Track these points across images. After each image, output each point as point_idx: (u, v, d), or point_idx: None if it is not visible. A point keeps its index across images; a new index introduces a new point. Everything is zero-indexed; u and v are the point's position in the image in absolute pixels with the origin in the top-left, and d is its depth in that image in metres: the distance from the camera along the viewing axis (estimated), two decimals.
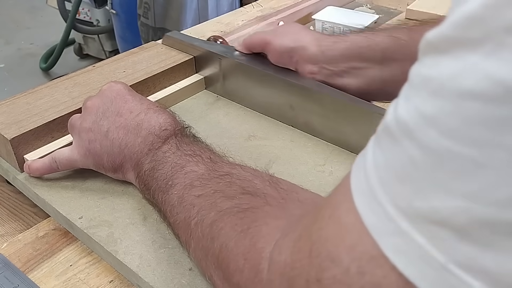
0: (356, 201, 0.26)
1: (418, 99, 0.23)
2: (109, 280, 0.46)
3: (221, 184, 0.42)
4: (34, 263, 0.48)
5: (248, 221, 0.37)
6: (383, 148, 0.25)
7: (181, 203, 0.43)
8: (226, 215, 0.39)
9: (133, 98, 0.52)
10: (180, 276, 0.43)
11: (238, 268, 0.35)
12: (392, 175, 0.24)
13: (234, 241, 0.37)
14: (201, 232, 0.40)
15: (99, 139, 0.50)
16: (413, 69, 0.24)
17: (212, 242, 0.38)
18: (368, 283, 0.25)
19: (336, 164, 0.56)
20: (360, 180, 0.26)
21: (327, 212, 0.29)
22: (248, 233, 0.36)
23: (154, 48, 0.73)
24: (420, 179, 0.23)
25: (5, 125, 0.55)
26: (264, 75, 0.63)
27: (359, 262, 0.25)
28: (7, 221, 0.54)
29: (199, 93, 0.70)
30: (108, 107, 0.51)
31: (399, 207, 0.23)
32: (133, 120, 0.50)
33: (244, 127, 0.63)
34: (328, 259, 0.27)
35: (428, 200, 0.22)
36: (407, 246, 0.23)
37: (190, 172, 0.45)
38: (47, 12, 2.88)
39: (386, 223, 0.24)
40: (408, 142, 0.23)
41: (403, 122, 0.23)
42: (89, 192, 0.53)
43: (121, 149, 0.49)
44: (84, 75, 0.66)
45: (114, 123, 0.50)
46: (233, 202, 0.40)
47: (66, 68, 2.43)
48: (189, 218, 0.41)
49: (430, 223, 0.22)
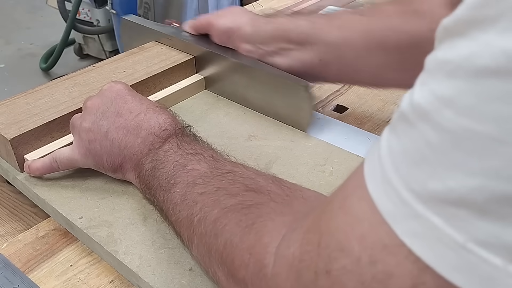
0: (370, 188, 0.26)
1: (434, 82, 0.23)
2: (109, 280, 0.46)
3: (223, 182, 0.42)
4: (34, 263, 0.48)
5: (253, 216, 0.37)
6: (398, 135, 0.25)
7: (184, 201, 0.43)
8: (230, 212, 0.39)
9: (133, 98, 0.52)
10: (180, 276, 0.43)
11: (243, 264, 0.35)
12: (407, 160, 0.24)
13: (239, 236, 0.36)
14: (204, 229, 0.40)
15: (98, 139, 0.50)
16: (429, 57, 0.24)
17: (216, 238, 0.38)
18: (380, 272, 0.25)
19: (336, 164, 0.56)
20: (374, 168, 0.26)
21: (336, 203, 0.29)
22: (253, 228, 0.36)
23: (154, 48, 0.73)
24: (436, 161, 0.22)
25: (5, 125, 0.55)
26: (207, 53, 0.68)
27: (370, 251, 0.25)
28: (7, 221, 0.54)
29: (199, 93, 0.70)
30: (108, 107, 0.51)
31: (414, 191, 0.23)
32: (132, 120, 0.50)
33: (245, 127, 0.63)
34: (337, 249, 0.27)
35: (444, 181, 0.22)
36: (423, 229, 0.23)
37: (192, 170, 0.45)
38: (47, 12, 2.88)
39: (401, 208, 0.24)
40: (424, 125, 0.23)
41: (419, 106, 0.24)
42: (89, 192, 0.53)
43: (120, 149, 0.49)
44: (84, 75, 0.66)
45: (113, 123, 0.50)
46: (236, 199, 0.40)
47: (66, 68, 2.43)
48: (191, 215, 0.41)
49: (447, 204, 0.22)
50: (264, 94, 0.64)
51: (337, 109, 0.72)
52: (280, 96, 0.62)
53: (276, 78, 0.61)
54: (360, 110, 0.70)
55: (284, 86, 0.61)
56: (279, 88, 0.62)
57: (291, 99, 0.61)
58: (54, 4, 2.42)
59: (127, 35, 0.79)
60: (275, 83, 0.62)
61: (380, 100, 0.72)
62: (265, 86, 0.63)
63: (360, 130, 0.63)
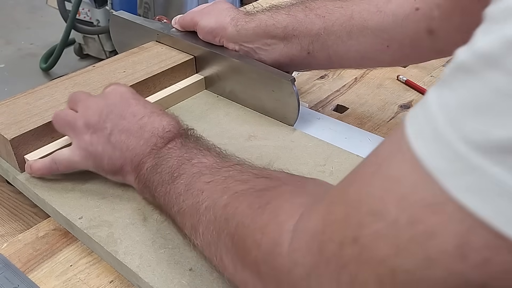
0: (417, 148, 0.25)
1: (506, 27, 0.22)
2: (109, 280, 0.46)
3: (232, 172, 0.42)
4: (34, 263, 0.48)
5: (266, 198, 0.36)
6: (454, 88, 0.24)
7: (189, 190, 0.42)
8: (242, 196, 0.38)
9: (137, 102, 0.52)
10: (180, 276, 0.43)
11: (255, 243, 0.34)
12: (466, 111, 0.23)
13: (251, 217, 0.36)
14: (213, 215, 0.39)
15: (101, 142, 0.49)
16: (491, 7, 0.24)
17: (227, 222, 0.37)
18: (420, 234, 0.24)
19: (337, 164, 0.56)
20: (420, 127, 0.25)
21: (368, 171, 0.28)
22: (267, 208, 0.35)
23: (154, 48, 0.73)
24: (504, 107, 0.22)
25: (5, 125, 0.55)
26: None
27: (410, 211, 0.24)
28: (7, 221, 0.54)
29: (199, 93, 0.70)
30: (112, 109, 0.50)
31: (473, 142, 0.23)
32: (136, 123, 0.49)
33: (245, 127, 0.63)
34: (369, 214, 0.26)
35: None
36: (480, 182, 0.22)
37: (198, 163, 0.44)
38: (47, 12, 2.88)
39: (456, 163, 0.23)
40: (492, 72, 0.22)
41: (485, 53, 0.23)
42: (89, 192, 0.53)
43: (122, 152, 0.49)
44: (84, 75, 0.66)
45: (117, 126, 0.49)
46: (247, 185, 0.39)
47: (66, 68, 2.42)
48: (197, 203, 0.41)
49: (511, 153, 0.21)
50: (251, 89, 0.65)
51: (337, 109, 0.72)
52: (267, 91, 0.63)
53: (262, 73, 0.63)
54: (360, 110, 0.70)
55: (269, 81, 0.62)
56: (265, 83, 0.63)
57: (276, 94, 0.62)
58: (54, 4, 2.41)
59: (117, 31, 0.80)
60: (261, 78, 0.63)
61: (380, 100, 0.72)
62: (252, 81, 0.64)
63: (360, 130, 0.63)
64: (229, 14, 0.65)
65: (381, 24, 0.57)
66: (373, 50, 0.59)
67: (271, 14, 0.63)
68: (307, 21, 0.60)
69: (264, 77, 0.63)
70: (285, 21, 0.61)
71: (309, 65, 0.65)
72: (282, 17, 0.62)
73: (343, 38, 0.59)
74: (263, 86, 0.63)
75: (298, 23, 0.60)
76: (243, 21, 0.64)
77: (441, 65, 0.82)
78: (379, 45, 0.58)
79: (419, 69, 0.80)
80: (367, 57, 0.60)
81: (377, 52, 0.59)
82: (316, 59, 0.62)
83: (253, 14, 0.64)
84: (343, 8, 0.59)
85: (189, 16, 0.70)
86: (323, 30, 0.59)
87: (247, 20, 0.64)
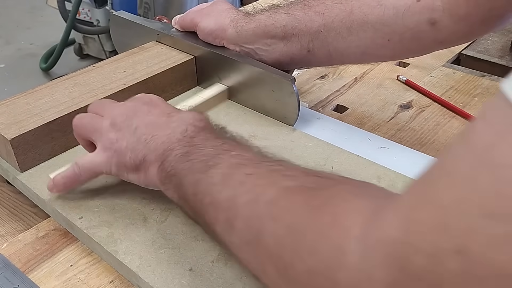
0: None
1: None
2: (109, 281, 0.46)
3: (276, 167, 0.38)
4: (34, 263, 0.48)
5: (322, 198, 0.32)
6: None
7: (226, 181, 0.38)
8: (291, 193, 0.34)
9: (166, 104, 0.51)
10: (180, 277, 0.43)
11: (311, 249, 0.30)
12: None
13: (306, 219, 0.31)
14: (255, 211, 0.35)
15: (126, 137, 0.47)
16: None
17: (274, 222, 0.33)
18: None
19: (337, 164, 0.56)
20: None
21: (465, 164, 0.23)
22: (325, 210, 0.31)
23: (154, 48, 0.73)
24: None
25: (5, 125, 0.55)
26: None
27: None
28: (7, 221, 0.54)
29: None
30: (139, 109, 0.49)
31: None
32: (163, 117, 0.48)
33: (245, 127, 0.63)
34: (481, 217, 0.21)
35: None
36: None
37: (237, 155, 0.40)
38: (47, 12, 2.88)
39: None
40: None
41: None
42: (89, 192, 0.53)
43: (146, 143, 0.46)
44: (84, 75, 0.66)
45: (143, 121, 0.48)
46: (297, 181, 0.35)
47: (66, 68, 2.43)
48: (234, 196, 0.37)
49: None
50: (251, 89, 0.65)
51: (337, 109, 0.72)
52: (267, 91, 0.63)
53: (262, 73, 0.63)
54: (360, 110, 0.70)
55: (270, 81, 0.62)
56: (265, 83, 0.63)
57: (277, 94, 0.62)
58: (54, 4, 2.42)
59: (117, 31, 0.80)
60: (261, 78, 0.63)
61: (380, 100, 0.72)
62: (252, 81, 0.65)
63: (360, 130, 0.63)
64: (229, 15, 0.65)
65: (382, 17, 0.56)
66: (374, 45, 0.58)
67: (270, 14, 0.63)
68: (306, 19, 0.60)
69: (264, 77, 0.63)
70: (284, 20, 0.61)
71: (310, 63, 0.65)
72: (281, 16, 0.62)
73: (343, 34, 0.59)
74: (263, 86, 0.64)
75: (297, 22, 0.60)
76: (243, 22, 0.64)
77: (441, 65, 0.82)
78: (380, 39, 0.57)
79: (419, 69, 0.80)
80: (367, 52, 0.60)
81: (378, 47, 0.58)
82: (316, 56, 0.62)
83: (252, 15, 0.64)
84: (342, 4, 0.59)
85: (189, 17, 0.69)
86: (323, 27, 0.59)
87: (246, 21, 0.64)
